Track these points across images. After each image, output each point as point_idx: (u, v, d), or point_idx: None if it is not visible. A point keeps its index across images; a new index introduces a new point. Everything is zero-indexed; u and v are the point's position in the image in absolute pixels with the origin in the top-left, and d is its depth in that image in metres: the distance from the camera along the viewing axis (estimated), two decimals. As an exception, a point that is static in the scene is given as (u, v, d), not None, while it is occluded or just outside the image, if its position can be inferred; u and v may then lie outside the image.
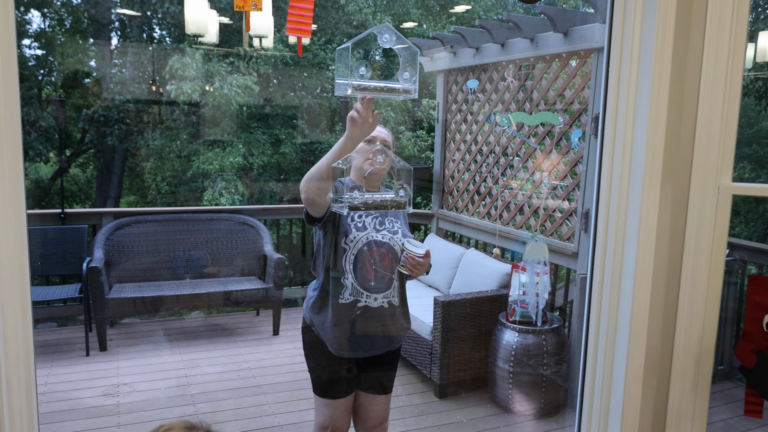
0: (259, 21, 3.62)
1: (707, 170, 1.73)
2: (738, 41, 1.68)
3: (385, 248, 2.50)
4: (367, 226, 2.49)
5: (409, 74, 1.69)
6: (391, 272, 2.52)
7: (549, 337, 4.03)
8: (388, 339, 2.61)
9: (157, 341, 5.29)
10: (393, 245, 2.52)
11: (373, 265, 2.47)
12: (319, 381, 2.69)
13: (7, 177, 1.40)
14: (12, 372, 1.47)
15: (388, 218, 2.57)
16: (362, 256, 2.45)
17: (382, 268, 2.49)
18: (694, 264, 1.77)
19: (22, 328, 1.48)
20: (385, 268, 2.50)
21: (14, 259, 1.43)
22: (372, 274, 2.48)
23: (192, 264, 5.70)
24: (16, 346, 1.47)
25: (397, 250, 2.51)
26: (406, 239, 2.48)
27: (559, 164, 4.62)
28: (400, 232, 2.56)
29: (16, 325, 1.46)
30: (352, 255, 2.45)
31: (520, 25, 4.59)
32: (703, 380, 1.81)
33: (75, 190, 12.72)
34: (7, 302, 1.44)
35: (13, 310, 1.45)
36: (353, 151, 2.14)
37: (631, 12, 1.70)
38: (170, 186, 11.29)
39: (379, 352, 2.61)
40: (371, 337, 2.56)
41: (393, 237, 2.53)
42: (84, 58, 11.70)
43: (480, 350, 4.35)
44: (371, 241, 2.48)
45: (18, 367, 1.48)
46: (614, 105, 1.78)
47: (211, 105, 10.27)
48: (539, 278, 4.00)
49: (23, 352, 1.48)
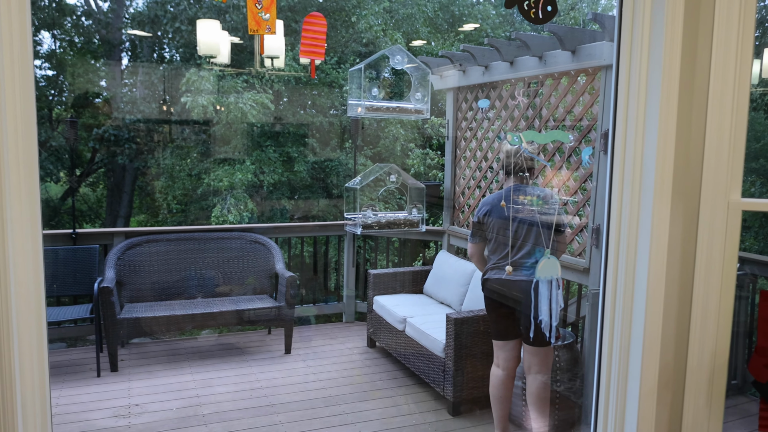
0: (272, 42, 3.66)
1: (717, 186, 1.74)
2: (744, 58, 1.69)
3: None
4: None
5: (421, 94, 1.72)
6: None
7: (562, 353, 4.02)
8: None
9: (168, 361, 5.30)
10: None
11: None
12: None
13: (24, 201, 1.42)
14: (27, 394, 1.49)
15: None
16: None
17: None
18: (706, 279, 1.78)
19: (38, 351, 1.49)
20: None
21: (30, 281, 1.46)
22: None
23: (203, 283, 5.72)
24: (31, 368, 1.49)
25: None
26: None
27: (569, 180, 4.62)
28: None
29: (31, 347, 1.48)
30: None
31: (528, 43, 4.62)
32: (717, 396, 1.81)
33: (85, 210, 12.81)
34: (23, 324, 1.46)
35: (29, 332, 1.47)
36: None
37: (639, 30, 1.72)
38: (181, 204, 11.35)
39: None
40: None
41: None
42: (95, 78, 11.82)
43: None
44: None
45: (33, 389, 1.49)
46: (624, 122, 1.80)
47: (223, 122, 10.35)
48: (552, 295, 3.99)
49: (38, 374, 1.50)
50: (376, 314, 5.40)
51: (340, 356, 5.46)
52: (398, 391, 4.72)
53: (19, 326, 1.45)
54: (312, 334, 6.10)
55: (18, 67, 1.39)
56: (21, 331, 1.46)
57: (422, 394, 4.66)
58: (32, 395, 1.49)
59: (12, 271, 1.42)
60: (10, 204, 1.40)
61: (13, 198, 1.40)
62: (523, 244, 3.56)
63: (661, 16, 1.68)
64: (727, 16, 1.68)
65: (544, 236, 3.48)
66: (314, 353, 5.52)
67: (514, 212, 3.56)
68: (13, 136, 1.40)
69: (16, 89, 1.39)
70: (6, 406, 1.46)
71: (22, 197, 1.42)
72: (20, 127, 1.41)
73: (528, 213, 3.52)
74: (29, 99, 1.42)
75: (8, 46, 1.37)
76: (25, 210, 1.43)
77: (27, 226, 1.43)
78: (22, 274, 1.44)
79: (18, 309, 1.45)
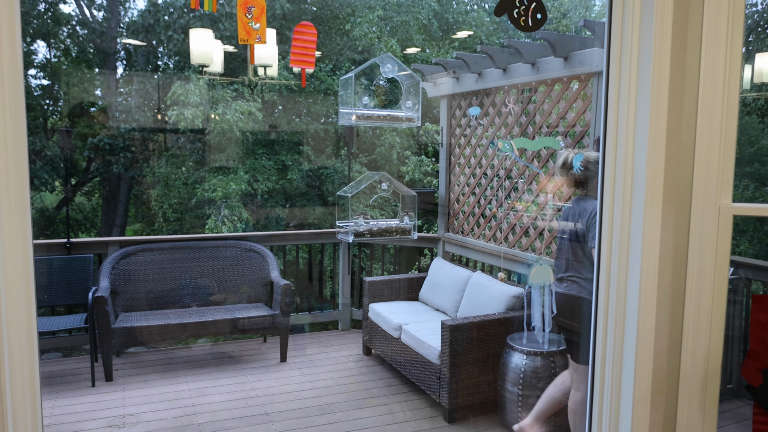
0: (263, 51, 3.67)
1: (708, 191, 1.75)
2: (734, 63, 1.70)
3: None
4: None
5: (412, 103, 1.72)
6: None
7: (558, 360, 4.02)
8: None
9: (163, 370, 5.28)
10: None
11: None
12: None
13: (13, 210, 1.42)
14: (18, 405, 1.48)
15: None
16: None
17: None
18: (698, 284, 1.78)
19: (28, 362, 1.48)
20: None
21: (20, 292, 1.45)
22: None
23: (198, 292, 5.71)
24: (22, 380, 1.48)
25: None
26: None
27: (563, 186, 4.64)
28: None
29: (22, 359, 1.47)
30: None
31: (521, 50, 4.64)
32: (710, 400, 1.81)
33: (80, 219, 12.79)
34: (13, 336, 1.45)
35: (20, 344, 1.46)
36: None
37: (629, 37, 1.73)
38: (176, 213, 11.34)
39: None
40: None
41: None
42: (89, 88, 11.83)
43: (488, 374, 4.33)
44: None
45: (24, 400, 1.49)
46: (614, 129, 1.81)
47: (216, 131, 10.36)
48: (545, 301, 4.00)
49: (29, 386, 1.49)
50: (372, 322, 5.39)
51: (335, 364, 5.45)
52: (394, 399, 4.71)
53: (9, 336, 1.44)
54: (307, 342, 6.09)
55: (8, 76, 1.39)
56: (11, 342, 1.45)
57: (418, 401, 4.65)
58: (23, 406, 1.49)
59: (2, 280, 1.41)
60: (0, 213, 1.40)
61: (2, 207, 1.40)
62: (564, 256, 3.50)
63: (650, 22, 1.69)
64: (716, 21, 1.69)
65: (578, 250, 3.40)
66: (310, 361, 5.51)
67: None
68: (3, 146, 1.39)
69: (6, 98, 1.39)
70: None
71: (12, 207, 1.42)
72: (10, 137, 1.41)
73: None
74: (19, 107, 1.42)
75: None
76: (15, 219, 1.42)
77: (18, 236, 1.43)
78: (13, 285, 1.44)
79: (8, 319, 1.44)
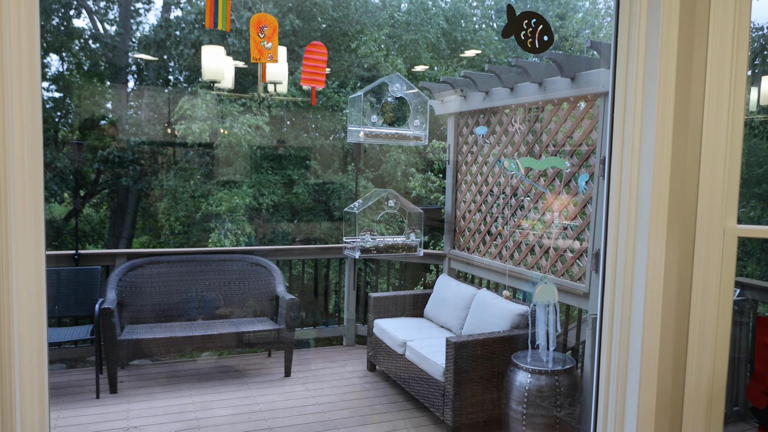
0: (274, 69, 3.71)
1: (712, 212, 1.76)
2: (738, 86, 1.72)
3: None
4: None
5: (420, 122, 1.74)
6: None
7: (562, 378, 4.01)
8: None
9: (168, 383, 5.28)
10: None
11: None
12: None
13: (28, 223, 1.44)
14: (27, 415, 1.50)
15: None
16: None
17: None
18: (703, 305, 1.79)
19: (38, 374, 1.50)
20: None
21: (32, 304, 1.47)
22: None
23: (204, 305, 5.72)
24: (31, 391, 1.50)
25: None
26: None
27: (569, 205, 4.65)
28: None
29: (32, 370, 1.49)
30: None
31: (528, 70, 4.67)
32: (715, 421, 1.81)
33: (88, 230, 12.84)
34: (24, 347, 1.47)
35: (30, 353, 1.48)
36: None
37: (634, 59, 1.75)
38: (183, 226, 11.38)
39: None
40: None
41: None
42: (100, 101, 11.93)
43: (493, 392, 4.33)
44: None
45: (33, 410, 1.50)
46: (620, 149, 1.82)
47: (224, 145, 10.42)
48: (549, 319, 4.01)
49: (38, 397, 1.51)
50: (376, 337, 5.39)
51: (339, 380, 5.45)
52: (398, 416, 4.70)
53: (20, 346, 1.46)
54: (312, 357, 6.08)
55: (26, 91, 1.42)
56: (22, 352, 1.47)
57: (422, 418, 4.64)
58: (32, 416, 1.50)
59: (15, 292, 1.43)
60: (14, 225, 1.42)
61: (17, 219, 1.42)
62: None
63: (656, 45, 1.71)
64: (721, 45, 1.71)
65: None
66: (314, 376, 5.51)
67: None
68: (20, 158, 1.42)
69: (24, 112, 1.42)
70: (5, 427, 1.47)
71: (27, 219, 1.44)
72: (26, 150, 1.43)
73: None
74: (36, 122, 1.44)
75: (17, 70, 1.40)
76: (29, 232, 1.45)
77: (31, 248, 1.45)
78: (25, 295, 1.46)
79: (20, 330, 1.46)
